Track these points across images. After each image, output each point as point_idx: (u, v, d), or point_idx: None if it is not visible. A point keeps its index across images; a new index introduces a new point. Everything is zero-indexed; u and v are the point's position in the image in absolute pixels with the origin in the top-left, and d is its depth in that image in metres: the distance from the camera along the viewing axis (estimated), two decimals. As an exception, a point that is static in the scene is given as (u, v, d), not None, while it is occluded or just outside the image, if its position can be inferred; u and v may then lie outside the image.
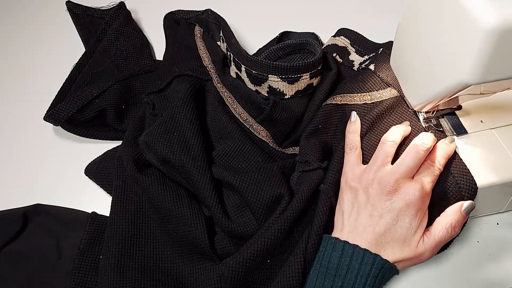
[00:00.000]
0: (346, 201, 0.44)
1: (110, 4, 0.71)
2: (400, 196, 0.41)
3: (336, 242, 0.41)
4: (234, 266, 0.42)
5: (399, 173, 0.41)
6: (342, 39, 0.61)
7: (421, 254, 0.41)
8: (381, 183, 0.41)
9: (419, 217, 0.41)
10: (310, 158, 0.48)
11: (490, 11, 0.31)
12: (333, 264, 0.40)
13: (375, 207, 0.41)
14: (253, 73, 0.52)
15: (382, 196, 0.41)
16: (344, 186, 0.45)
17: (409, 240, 0.40)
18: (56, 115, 0.57)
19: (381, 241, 0.40)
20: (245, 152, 0.52)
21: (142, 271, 0.46)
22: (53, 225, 0.51)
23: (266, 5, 0.76)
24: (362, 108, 0.50)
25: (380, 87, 0.51)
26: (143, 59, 0.66)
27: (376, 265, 0.39)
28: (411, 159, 0.42)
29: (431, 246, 0.41)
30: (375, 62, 0.53)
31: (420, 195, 0.40)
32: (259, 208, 0.46)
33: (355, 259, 0.39)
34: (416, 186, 0.41)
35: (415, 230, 0.41)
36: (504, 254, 0.47)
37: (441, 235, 0.41)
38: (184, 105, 0.53)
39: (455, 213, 0.42)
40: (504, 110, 0.48)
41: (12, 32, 0.75)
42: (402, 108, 0.49)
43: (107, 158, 0.57)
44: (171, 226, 0.48)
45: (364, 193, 0.42)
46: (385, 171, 0.42)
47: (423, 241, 0.41)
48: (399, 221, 0.40)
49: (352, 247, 0.40)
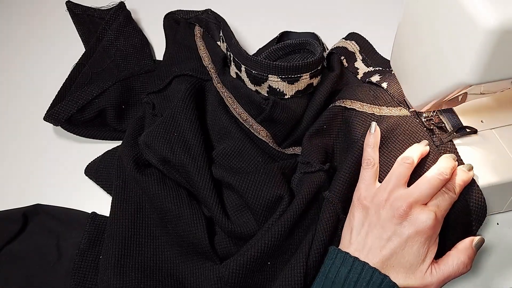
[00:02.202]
0: (356, 218, 0.42)
1: (110, 4, 0.71)
2: (411, 222, 0.39)
3: (346, 257, 0.40)
4: (234, 268, 0.42)
5: (413, 198, 0.40)
6: (353, 44, 0.61)
7: (427, 286, 0.39)
8: (393, 206, 0.40)
9: (427, 245, 0.39)
10: (312, 160, 0.48)
11: (490, 11, 0.31)
12: (340, 278, 0.39)
13: (384, 229, 0.40)
14: (253, 73, 0.52)
15: (393, 219, 0.40)
16: (357, 202, 0.43)
17: (415, 268, 0.39)
18: (56, 115, 0.57)
19: (386, 264, 0.39)
20: (245, 152, 0.52)
21: (142, 271, 0.46)
22: (53, 225, 0.51)
23: (266, 5, 0.76)
24: (368, 117, 0.50)
25: (391, 104, 0.50)
26: (143, 59, 0.66)
27: (383, 286, 0.38)
28: (428, 186, 0.41)
29: (438, 280, 0.39)
30: (388, 81, 0.52)
31: (432, 224, 0.39)
32: (259, 209, 0.46)
33: (363, 277, 0.38)
34: (429, 214, 0.39)
35: (423, 258, 0.39)
36: (504, 254, 0.47)
37: (451, 270, 0.40)
38: (184, 105, 0.53)
39: (467, 250, 0.40)
40: (504, 110, 0.48)
41: (12, 32, 0.75)
42: (413, 126, 0.48)
43: (107, 158, 0.57)
44: (171, 226, 0.48)
45: (375, 214, 0.41)
46: (399, 194, 0.41)
47: (430, 273, 0.39)
48: (406, 247, 0.39)
49: (362, 264, 0.39)
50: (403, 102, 0.50)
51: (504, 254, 0.47)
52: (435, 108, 0.46)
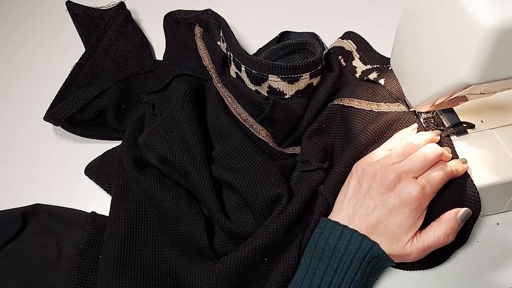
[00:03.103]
0: (351, 186, 0.44)
1: (110, 4, 0.71)
2: (397, 193, 0.41)
3: (335, 226, 0.41)
4: (231, 264, 0.42)
5: (403, 169, 0.42)
6: (350, 43, 0.61)
7: (406, 255, 0.41)
8: (383, 176, 0.42)
9: (412, 218, 0.41)
10: (312, 158, 0.48)
11: (490, 11, 0.31)
12: (330, 246, 0.40)
13: (372, 198, 0.42)
14: (253, 73, 0.52)
15: (381, 189, 0.42)
16: (354, 171, 0.45)
17: (398, 238, 0.41)
18: (56, 115, 0.57)
19: (372, 232, 0.41)
20: (245, 152, 0.52)
21: (142, 270, 0.46)
22: (52, 225, 0.51)
23: (266, 5, 0.76)
24: (367, 114, 0.50)
25: (388, 100, 0.51)
26: (143, 59, 0.66)
27: (372, 253, 0.39)
28: (420, 159, 0.42)
29: (418, 249, 0.41)
30: (385, 77, 0.53)
31: (417, 196, 0.40)
32: (258, 208, 0.46)
33: (353, 244, 0.40)
34: (416, 186, 0.41)
35: (406, 230, 0.41)
36: (504, 254, 0.47)
37: (431, 240, 0.41)
38: (184, 105, 0.53)
39: (450, 221, 0.42)
40: (504, 110, 0.48)
41: (12, 32, 0.75)
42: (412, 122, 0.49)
43: (107, 158, 0.57)
44: (171, 226, 0.48)
45: (367, 183, 0.43)
46: (391, 166, 0.43)
47: (411, 243, 0.41)
48: (391, 217, 0.41)
49: (351, 232, 0.40)
50: (401, 98, 0.50)
51: (504, 254, 0.47)
52: (435, 108, 0.46)
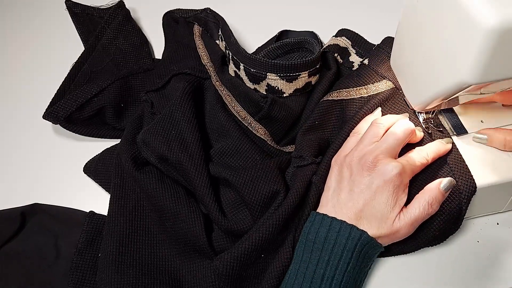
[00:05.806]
0: (333, 178, 0.45)
1: (109, 3, 0.71)
2: (379, 173, 0.41)
3: (324, 218, 0.42)
4: (229, 261, 0.42)
5: (380, 150, 0.43)
6: (344, 39, 0.61)
7: (396, 231, 0.41)
8: (361, 160, 0.43)
9: (396, 194, 0.41)
10: (305, 154, 0.49)
11: (490, 11, 0.30)
12: (320, 238, 0.41)
13: (354, 182, 0.42)
14: (251, 71, 0.52)
15: (362, 172, 0.42)
16: (333, 163, 0.46)
17: (386, 216, 0.41)
18: (55, 114, 0.57)
19: (360, 216, 0.41)
20: (243, 150, 0.52)
21: (141, 268, 0.46)
22: (51, 224, 0.51)
23: (265, 4, 0.76)
24: (359, 102, 0.51)
25: (375, 80, 0.51)
26: (142, 57, 0.66)
27: (362, 241, 0.40)
28: (394, 138, 0.43)
29: (406, 223, 0.41)
30: (369, 57, 0.54)
31: (398, 173, 0.41)
32: (255, 204, 0.46)
33: (342, 234, 0.40)
34: (396, 163, 0.41)
35: (392, 207, 0.41)
36: (504, 254, 0.47)
37: (417, 212, 0.41)
38: (182, 103, 0.53)
39: (433, 190, 0.42)
40: (504, 110, 0.48)
41: (11, 31, 0.75)
42: (399, 100, 0.50)
43: (106, 156, 0.57)
44: (169, 224, 0.48)
45: (348, 170, 0.44)
46: (368, 149, 0.43)
47: (399, 218, 0.41)
48: (376, 197, 0.41)
49: (340, 223, 0.41)
50: (386, 74, 0.51)
51: (504, 254, 0.47)
52: (435, 108, 0.46)
